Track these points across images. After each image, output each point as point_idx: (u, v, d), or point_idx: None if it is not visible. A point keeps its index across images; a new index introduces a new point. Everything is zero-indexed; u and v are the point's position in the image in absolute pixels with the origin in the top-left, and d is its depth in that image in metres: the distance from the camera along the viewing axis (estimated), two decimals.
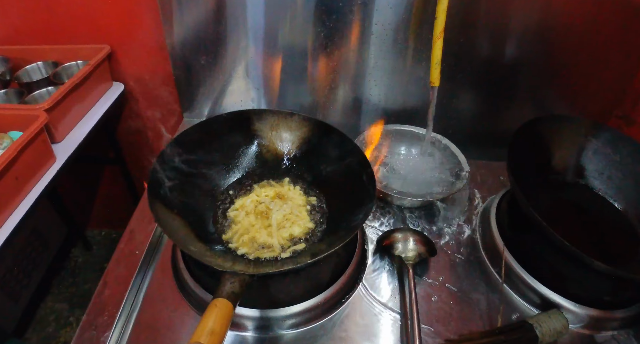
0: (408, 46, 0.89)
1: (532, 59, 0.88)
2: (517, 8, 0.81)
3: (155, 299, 0.66)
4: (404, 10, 0.83)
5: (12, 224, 0.76)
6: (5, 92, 1.00)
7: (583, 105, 0.95)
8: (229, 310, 0.45)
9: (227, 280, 0.48)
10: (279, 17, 0.87)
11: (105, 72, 1.06)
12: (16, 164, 0.76)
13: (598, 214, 0.76)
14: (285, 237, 0.67)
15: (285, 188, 0.75)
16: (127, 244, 0.73)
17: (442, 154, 0.90)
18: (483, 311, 0.66)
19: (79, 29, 1.05)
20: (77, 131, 0.96)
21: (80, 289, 1.47)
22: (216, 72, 0.97)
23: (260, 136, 0.79)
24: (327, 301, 0.64)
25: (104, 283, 0.67)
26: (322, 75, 0.96)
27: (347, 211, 0.68)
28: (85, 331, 0.61)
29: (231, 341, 0.61)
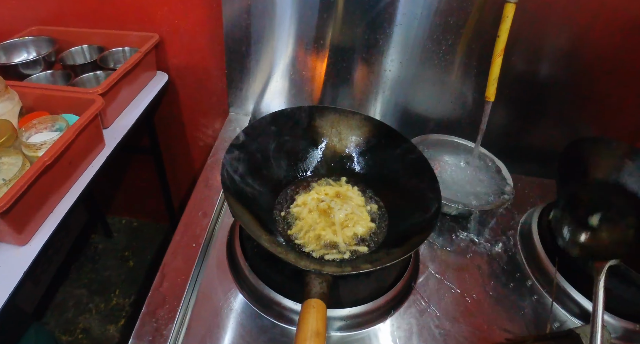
0: (456, 59, 0.89)
1: (567, 80, 0.90)
2: (555, 32, 0.83)
3: (212, 293, 0.65)
4: (459, 24, 0.84)
5: (63, 209, 0.75)
6: (52, 74, 0.99)
7: (613, 128, 0.97)
8: (324, 310, 0.45)
9: (315, 281, 0.48)
10: (332, 19, 0.88)
11: (152, 61, 1.05)
12: (72, 148, 0.75)
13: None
14: (350, 236, 0.67)
15: (344, 188, 0.75)
16: (183, 237, 0.73)
17: (485, 168, 0.91)
18: (528, 318, 0.66)
19: (128, 15, 1.04)
20: (124, 118, 0.96)
21: (100, 276, 1.46)
22: (265, 69, 0.97)
23: (320, 132, 0.78)
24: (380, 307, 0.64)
25: (162, 275, 0.66)
26: (366, 80, 0.96)
27: (407, 215, 0.68)
28: (146, 323, 0.60)
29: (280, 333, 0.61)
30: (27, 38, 1.04)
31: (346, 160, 0.79)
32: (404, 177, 0.73)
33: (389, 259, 0.55)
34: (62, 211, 0.75)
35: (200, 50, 1.04)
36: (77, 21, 1.08)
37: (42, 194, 0.70)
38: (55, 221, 0.73)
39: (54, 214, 0.74)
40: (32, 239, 0.70)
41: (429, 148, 0.95)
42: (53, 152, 0.69)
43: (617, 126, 0.97)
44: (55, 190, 0.74)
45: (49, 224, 0.72)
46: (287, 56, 0.95)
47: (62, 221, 0.74)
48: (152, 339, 0.58)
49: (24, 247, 0.68)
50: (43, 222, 0.72)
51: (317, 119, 0.78)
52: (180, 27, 1.03)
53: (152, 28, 1.04)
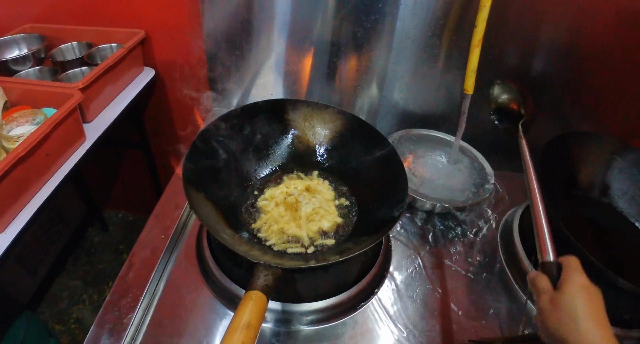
0: (439, 53, 0.88)
1: (560, 75, 0.88)
2: (549, 25, 0.82)
3: (178, 284, 0.67)
4: (441, 16, 0.83)
5: (39, 200, 0.77)
6: (40, 69, 1.01)
7: (606, 124, 0.95)
8: (263, 303, 0.45)
9: (261, 272, 0.48)
10: (315, 13, 0.88)
11: (138, 56, 1.07)
12: (48, 141, 0.77)
13: (619, 233, 0.76)
14: (315, 231, 0.67)
15: (315, 182, 0.75)
16: (153, 228, 0.74)
17: (468, 162, 0.90)
18: (502, 319, 0.65)
19: (115, 12, 1.05)
20: (107, 113, 0.97)
21: (95, 269, 1.49)
22: (248, 64, 0.98)
23: (293, 126, 0.79)
24: (350, 300, 0.64)
25: (129, 265, 0.68)
26: (352, 74, 0.96)
27: (376, 208, 0.68)
28: (109, 311, 0.62)
29: None
30: (19, 35, 1.06)
31: (319, 153, 0.80)
32: (375, 171, 0.73)
33: (355, 250, 0.55)
34: (40, 201, 0.77)
35: (185, 46, 1.05)
36: (68, 19, 1.10)
37: (18, 184, 0.72)
38: (32, 209, 0.75)
39: (32, 203, 0.76)
40: (8, 228, 0.71)
41: (411, 143, 0.94)
42: (27, 144, 0.71)
43: (611, 122, 0.95)
44: (32, 181, 0.76)
45: (26, 213, 0.74)
46: (272, 51, 0.95)
47: (39, 209, 0.76)
48: (112, 327, 0.60)
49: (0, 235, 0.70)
50: (20, 211, 0.74)
51: (289, 112, 0.78)
52: (166, 23, 1.04)
53: (139, 25, 1.06)
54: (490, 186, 0.83)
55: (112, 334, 0.59)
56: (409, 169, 0.88)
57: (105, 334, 0.59)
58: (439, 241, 0.78)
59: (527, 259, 0.71)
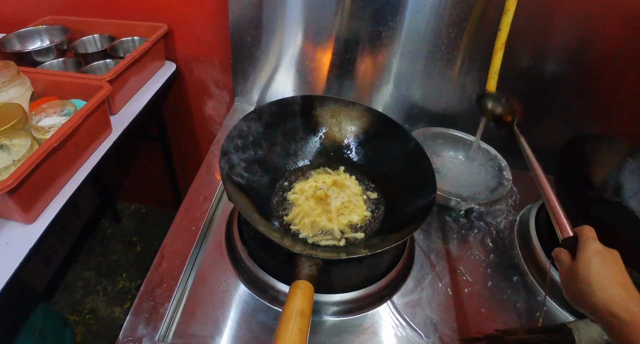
0: (458, 54, 0.90)
1: (572, 77, 0.89)
2: (559, 30, 0.83)
3: (209, 275, 0.68)
4: (463, 18, 0.84)
5: (69, 191, 0.78)
6: (64, 61, 1.02)
7: (616, 126, 0.96)
8: (312, 292, 0.46)
9: (305, 263, 0.49)
10: (335, 11, 0.88)
11: (160, 50, 1.08)
12: (79, 132, 0.78)
13: (630, 232, 0.78)
14: (345, 224, 0.68)
15: (342, 176, 0.76)
16: (183, 220, 0.75)
17: (485, 161, 0.91)
18: (521, 311, 0.67)
19: (137, 5, 1.06)
20: (131, 105, 0.98)
21: (108, 260, 1.51)
22: (269, 60, 0.99)
23: (320, 122, 0.80)
24: (376, 293, 0.65)
25: (162, 256, 0.69)
26: (370, 72, 0.97)
27: (404, 203, 0.69)
28: (144, 301, 0.62)
29: (273, 316, 0.63)
30: (42, 27, 1.07)
31: (345, 149, 0.81)
32: (401, 167, 0.74)
33: (383, 245, 0.56)
34: (69, 192, 0.78)
35: (207, 40, 1.06)
36: (90, 11, 1.10)
37: (48, 175, 0.73)
38: (61, 201, 0.76)
39: (61, 195, 0.77)
40: (38, 218, 0.72)
41: (430, 141, 0.95)
42: (60, 135, 0.72)
43: (621, 124, 0.96)
44: (62, 172, 0.77)
45: (55, 204, 0.75)
46: (293, 47, 0.96)
47: (67, 202, 0.77)
48: (149, 317, 0.61)
49: (30, 226, 0.71)
50: (50, 202, 0.75)
51: (317, 108, 0.79)
52: (188, 18, 1.05)
53: (161, 18, 1.07)
54: (508, 183, 0.84)
55: (148, 324, 0.60)
56: None
57: (142, 323, 0.60)
58: (458, 237, 0.79)
59: (544, 254, 0.72)
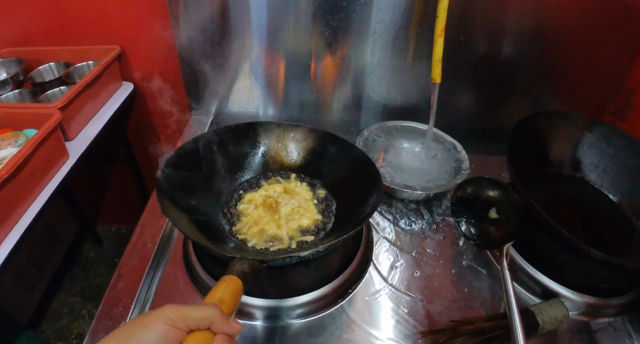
0: (409, 45, 0.91)
1: (528, 56, 0.91)
2: (513, 7, 0.84)
3: (168, 291, 0.68)
4: (405, 9, 0.85)
5: (27, 219, 0.79)
6: (20, 92, 1.03)
7: (577, 101, 0.98)
8: (238, 285, 0.45)
9: (237, 262, 0.49)
10: (283, 16, 0.90)
11: (115, 72, 1.09)
12: (31, 161, 0.79)
13: (594, 205, 0.79)
14: (295, 229, 0.69)
15: (293, 184, 0.77)
16: (140, 238, 0.76)
17: (443, 149, 0.93)
18: (485, 298, 0.68)
19: (90, 30, 1.07)
20: (89, 129, 0.99)
21: (92, 283, 1.51)
22: (223, 71, 1.00)
23: (266, 146, 0.82)
24: (334, 291, 0.66)
25: (118, 275, 0.70)
26: (326, 73, 0.98)
27: (354, 205, 0.70)
28: (101, 321, 0.64)
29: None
30: None
31: (293, 171, 0.82)
32: (348, 171, 0.76)
33: (333, 239, 0.57)
34: (28, 220, 0.79)
35: (160, 58, 1.07)
36: (44, 40, 1.11)
37: (4, 206, 0.74)
38: (20, 230, 0.77)
39: (20, 223, 0.78)
40: None
41: (386, 134, 0.97)
42: (10, 166, 0.73)
43: (582, 99, 0.97)
44: (19, 201, 0.78)
45: (15, 234, 0.76)
46: (246, 56, 0.97)
47: (27, 229, 0.78)
48: None
49: None
50: (9, 232, 0.76)
51: (261, 133, 0.81)
52: (139, 37, 1.06)
53: (113, 40, 1.08)
54: (466, 170, 0.85)
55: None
56: (386, 161, 0.91)
57: None
58: (418, 227, 0.80)
59: None
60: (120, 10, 1.02)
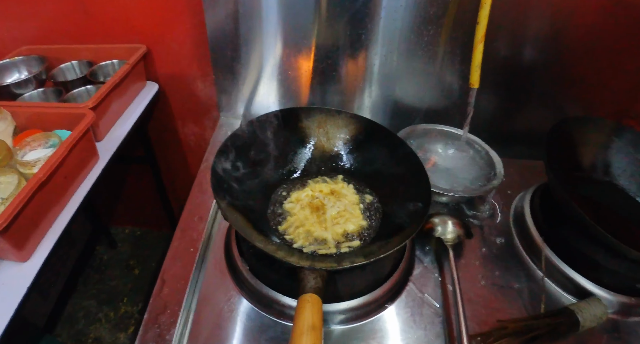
0: (439, 49, 0.90)
1: (550, 63, 0.91)
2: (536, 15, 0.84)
3: (212, 295, 0.67)
4: (440, 14, 0.85)
5: (62, 224, 0.77)
6: (43, 91, 1.01)
7: (598, 107, 0.98)
8: (320, 304, 0.46)
9: (309, 276, 0.49)
10: (312, 19, 0.89)
11: (141, 71, 1.07)
12: (66, 163, 0.77)
13: (623, 209, 0.79)
14: (340, 233, 0.68)
15: (339, 185, 0.76)
16: (181, 242, 0.74)
17: (475, 153, 0.92)
18: (525, 299, 0.68)
19: (114, 29, 1.05)
20: (116, 130, 0.97)
21: (107, 286, 1.49)
22: (251, 72, 0.98)
23: (308, 133, 0.80)
24: (383, 295, 0.66)
25: (162, 281, 0.68)
26: (353, 75, 0.97)
27: (401, 210, 0.69)
28: (149, 329, 0.62)
29: (281, 331, 0.62)
30: (17, 58, 1.06)
31: (335, 158, 0.81)
32: (394, 172, 0.74)
33: (382, 252, 0.56)
34: (62, 225, 0.77)
35: (187, 58, 1.06)
36: (65, 38, 1.09)
37: (39, 210, 0.72)
38: (55, 235, 0.75)
39: (54, 228, 0.76)
40: (33, 255, 0.71)
41: (418, 138, 0.96)
42: (47, 169, 0.71)
43: (602, 104, 0.97)
44: (52, 205, 0.76)
45: (49, 239, 0.74)
46: (274, 57, 0.96)
47: (61, 234, 0.75)
48: None
49: (25, 264, 0.70)
50: (43, 237, 0.74)
51: (303, 120, 0.79)
52: (166, 36, 1.04)
53: (139, 39, 1.06)
54: (500, 173, 0.85)
55: None
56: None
57: None
58: None
59: (540, 238, 0.73)
60: (145, 8, 1.00)
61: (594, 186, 0.83)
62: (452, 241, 0.72)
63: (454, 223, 0.75)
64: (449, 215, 0.76)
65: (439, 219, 0.76)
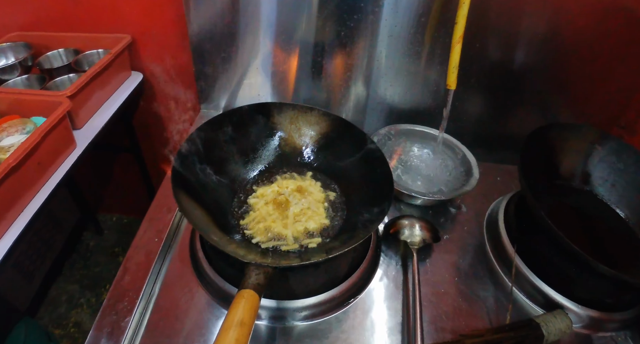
0: (423, 49, 0.90)
1: (541, 67, 0.90)
2: (528, 17, 0.83)
3: (173, 286, 0.68)
4: (422, 13, 0.84)
5: (32, 209, 0.78)
6: (28, 78, 1.02)
7: (587, 114, 0.97)
8: (255, 301, 0.46)
9: (252, 272, 0.50)
10: (297, 14, 0.89)
11: (125, 61, 1.08)
12: (39, 150, 0.78)
13: (601, 219, 0.78)
14: (300, 231, 0.69)
15: (307, 183, 0.76)
16: (146, 232, 0.75)
17: (453, 156, 0.92)
18: (490, 307, 0.68)
19: (101, 18, 1.06)
20: (96, 119, 0.98)
21: (91, 272, 1.51)
22: (234, 65, 0.99)
23: (279, 128, 0.80)
24: (342, 295, 0.66)
25: (124, 269, 0.69)
26: (337, 73, 0.97)
27: (363, 208, 0.69)
28: (106, 315, 0.63)
29: None
30: (5, 44, 1.07)
31: (305, 155, 0.81)
32: (361, 171, 0.75)
33: (340, 249, 0.57)
34: (33, 209, 0.78)
35: (171, 48, 1.06)
36: (53, 26, 1.10)
37: (11, 194, 0.73)
38: (25, 219, 0.76)
39: (25, 212, 0.77)
40: (2, 237, 0.73)
41: (396, 138, 0.96)
42: (18, 154, 0.72)
43: (592, 112, 0.97)
44: (25, 190, 0.77)
45: (20, 222, 0.76)
46: (257, 52, 0.96)
47: (32, 219, 0.77)
48: (111, 331, 0.61)
49: None
50: (14, 220, 0.76)
51: (275, 115, 0.80)
52: (151, 27, 1.05)
53: (124, 30, 1.07)
54: (475, 177, 0.84)
55: (110, 338, 0.60)
56: (396, 164, 0.90)
57: (104, 338, 0.60)
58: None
59: (511, 247, 0.73)
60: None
61: (573, 195, 0.82)
62: (417, 245, 0.72)
63: (422, 226, 0.75)
64: (418, 218, 0.77)
65: (407, 222, 0.76)
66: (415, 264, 0.69)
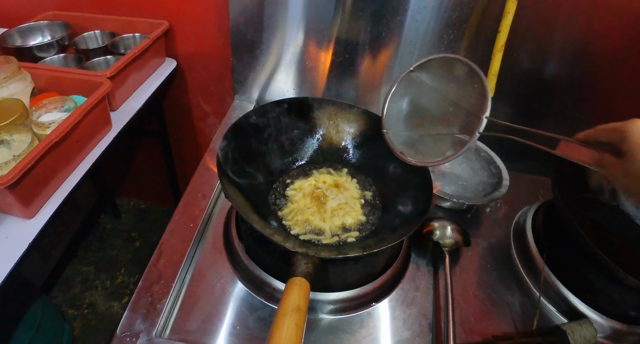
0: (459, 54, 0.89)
1: (570, 78, 0.89)
2: (560, 32, 0.83)
3: (206, 272, 0.68)
4: (462, 19, 0.84)
5: (68, 186, 0.78)
6: (65, 57, 1.02)
7: None
8: (307, 288, 0.46)
9: (301, 261, 0.50)
10: (335, 11, 0.89)
11: (161, 47, 1.08)
12: (79, 128, 0.78)
13: (627, 235, 0.78)
14: (337, 225, 0.69)
15: (343, 179, 0.76)
16: (182, 217, 0.75)
17: (484, 162, 0.92)
18: (515, 313, 0.68)
19: (138, 2, 1.07)
20: (132, 102, 0.99)
21: (107, 255, 1.51)
22: (270, 58, 0.99)
23: (318, 123, 0.80)
24: (373, 291, 0.66)
25: (160, 252, 0.69)
26: (370, 73, 0.97)
27: (400, 209, 0.70)
28: (142, 296, 0.63)
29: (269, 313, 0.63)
30: (43, 22, 1.07)
31: (342, 151, 0.81)
32: (398, 171, 0.75)
33: (378, 246, 0.57)
34: (68, 188, 0.78)
35: (208, 38, 1.07)
36: (91, 7, 1.11)
37: (49, 170, 0.74)
38: (61, 196, 0.76)
39: (60, 190, 0.77)
40: (38, 213, 0.73)
41: None
42: (60, 131, 0.72)
43: None
44: (62, 167, 0.78)
45: (55, 200, 0.76)
46: (293, 45, 0.96)
47: (67, 197, 0.77)
48: (147, 313, 0.61)
49: (30, 221, 0.72)
50: (50, 197, 0.76)
51: (315, 110, 0.80)
52: (189, 14, 1.05)
53: (162, 15, 1.07)
54: (506, 184, 0.84)
55: (146, 319, 0.60)
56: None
57: (140, 319, 0.60)
58: None
59: (539, 256, 0.73)
60: None
61: (601, 209, 0.82)
62: (449, 247, 0.72)
63: (454, 229, 0.75)
64: (449, 220, 0.76)
65: (438, 224, 0.75)
66: (448, 265, 0.69)
